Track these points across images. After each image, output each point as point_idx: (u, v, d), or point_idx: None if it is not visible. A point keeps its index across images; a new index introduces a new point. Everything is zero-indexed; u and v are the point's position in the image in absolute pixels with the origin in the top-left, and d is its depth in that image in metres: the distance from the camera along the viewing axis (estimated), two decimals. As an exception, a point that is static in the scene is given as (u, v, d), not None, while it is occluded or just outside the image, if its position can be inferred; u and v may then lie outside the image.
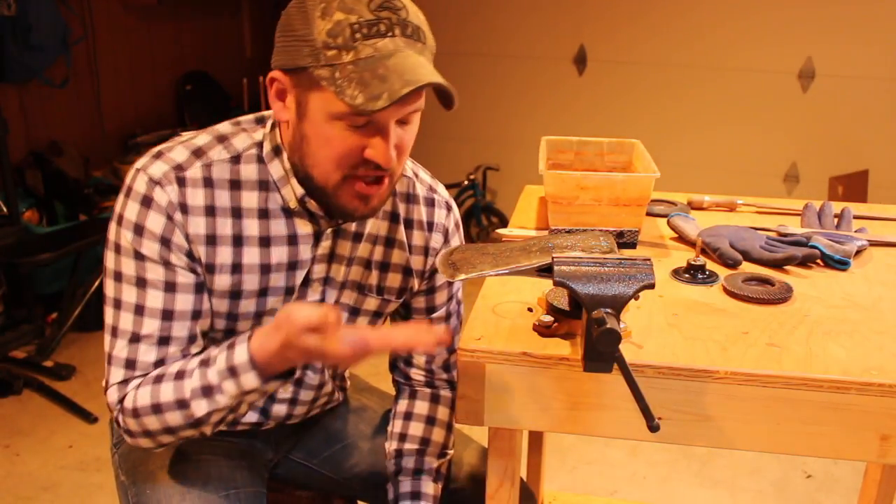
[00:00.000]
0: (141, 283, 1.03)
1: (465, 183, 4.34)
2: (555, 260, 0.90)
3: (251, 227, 1.07)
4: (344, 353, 0.91)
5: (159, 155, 1.05)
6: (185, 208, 1.03)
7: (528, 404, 0.96)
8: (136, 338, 1.04)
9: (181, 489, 1.15)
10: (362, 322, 1.21)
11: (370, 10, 0.93)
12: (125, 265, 1.03)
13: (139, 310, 1.03)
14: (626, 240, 1.31)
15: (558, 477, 2.52)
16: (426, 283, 1.25)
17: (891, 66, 3.84)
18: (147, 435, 1.04)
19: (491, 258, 0.95)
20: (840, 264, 1.23)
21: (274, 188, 1.08)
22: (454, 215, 1.27)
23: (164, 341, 1.05)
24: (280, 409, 1.24)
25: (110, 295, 1.05)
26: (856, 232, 1.37)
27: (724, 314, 1.06)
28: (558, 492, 2.08)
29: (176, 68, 4.29)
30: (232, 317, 1.10)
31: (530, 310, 1.05)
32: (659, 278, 0.96)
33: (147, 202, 1.02)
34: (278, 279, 1.10)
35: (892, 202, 1.70)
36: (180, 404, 1.00)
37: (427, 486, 1.23)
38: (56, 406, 2.82)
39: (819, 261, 1.25)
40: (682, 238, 1.35)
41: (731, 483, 2.51)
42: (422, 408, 1.29)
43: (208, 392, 0.99)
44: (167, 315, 1.04)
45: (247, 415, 1.22)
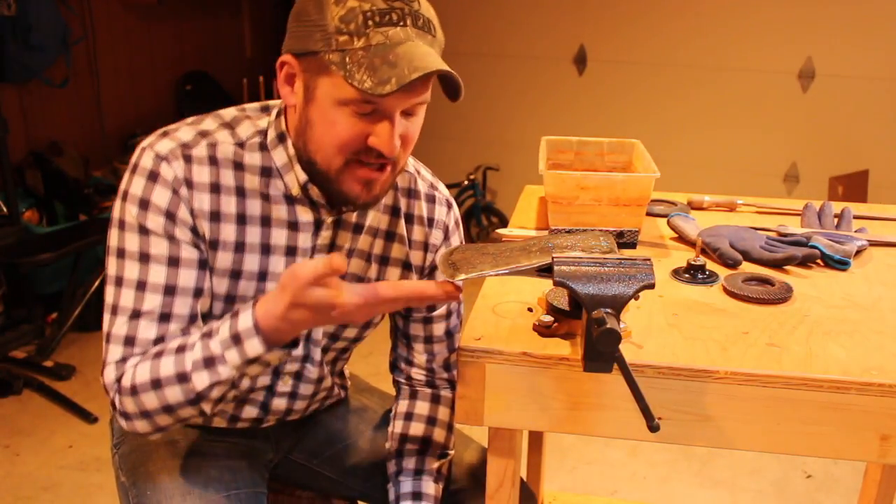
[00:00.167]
0: (144, 258, 1.02)
1: (466, 183, 4.34)
2: (555, 260, 0.90)
3: (254, 207, 1.08)
4: (355, 303, 0.88)
5: (165, 133, 1.06)
6: (190, 184, 1.03)
7: (527, 404, 0.96)
8: (136, 314, 1.02)
9: (182, 490, 1.15)
10: None
11: None
12: (129, 241, 1.03)
13: (141, 285, 1.02)
14: (626, 240, 1.31)
15: (558, 477, 2.52)
16: (425, 280, 1.25)
17: (891, 66, 3.84)
18: (145, 416, 1.01)
19: (491, 258, 0.95)
20: (840, 264, 1.23)
21: (276, 175, 1.08)
22: (454, 213, 1.27)
23: (165, 318, 1.03)
24: (280, 403, 1.23)
25: (112, 273, 1.04)
26: (856, 232, 1.37)
27: (724, 314, 1.06)
28: (558, 492, 2.08)
29: (176, 68, 4.29)
30: (230, 299, 1.09)
31: (530, 310, 1.05)
32: (659, 278, 0.96)
33: (153, 177, 1.02)
34: (278, 263, 1.10)
35: (892, 202, 1.71)
36: (181, 378, 0.97)
37: (428, 486, 1.23)
38: (56, 406, 2.82)
39: (819, 261, 1.25)
40: (682, 238, 1.35)
41: (731, 483, 2.51)
42: (422, 408, 1.29)
43: (210, 363, 0.96)
44: (169, 290, 1.03)
45: (247, 410, 1.22)
